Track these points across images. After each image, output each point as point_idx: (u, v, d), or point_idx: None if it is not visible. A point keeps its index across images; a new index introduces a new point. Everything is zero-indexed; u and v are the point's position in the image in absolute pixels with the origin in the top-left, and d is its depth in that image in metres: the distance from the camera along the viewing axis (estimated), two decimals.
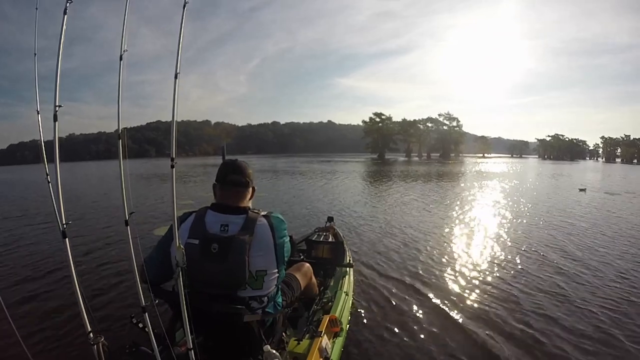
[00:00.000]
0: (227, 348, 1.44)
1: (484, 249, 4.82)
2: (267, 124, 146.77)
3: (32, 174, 23.73)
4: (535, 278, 3.64)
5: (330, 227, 3.62)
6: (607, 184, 15.94)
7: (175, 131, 1.16)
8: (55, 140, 1.16)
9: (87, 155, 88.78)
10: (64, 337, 2.46)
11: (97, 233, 5.84)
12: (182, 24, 1.19)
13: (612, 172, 29.81)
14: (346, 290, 2.56)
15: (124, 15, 1.23)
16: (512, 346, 2.39)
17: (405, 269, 3.96)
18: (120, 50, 1.24)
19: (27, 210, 8.70)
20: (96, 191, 13.31)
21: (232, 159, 1.59)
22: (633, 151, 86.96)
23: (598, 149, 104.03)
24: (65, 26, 1.19)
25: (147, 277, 1.27)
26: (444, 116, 77.74)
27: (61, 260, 4.10)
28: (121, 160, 1.18)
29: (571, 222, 6.64)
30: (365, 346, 2.39)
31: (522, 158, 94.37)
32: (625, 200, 10.09)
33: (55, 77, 1.17)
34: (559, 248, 4.80)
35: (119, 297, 3.15)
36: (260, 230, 1.41)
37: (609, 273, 3.79)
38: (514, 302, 3.08)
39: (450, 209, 8.23)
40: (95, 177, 22.17)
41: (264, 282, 1.43)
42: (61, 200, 1.18)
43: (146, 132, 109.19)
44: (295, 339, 1.72)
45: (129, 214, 1.25)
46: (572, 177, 20.59)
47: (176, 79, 1.18)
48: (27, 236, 5.82)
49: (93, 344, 1.15)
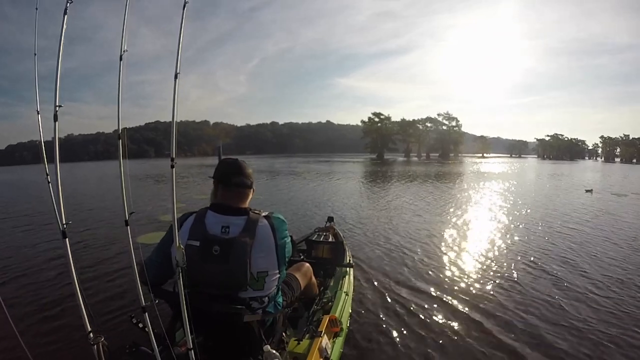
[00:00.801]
0: (227, 348, 1.43)
1: (485, 252, 4.80)
2: (265, 124, 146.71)
3: (31, 175, 23.67)
4: (541, 291, 3.30)
5: (330, 227, 3.62)
6: (611, 185, 15.59)
7: (176, 131, 1.16)
8: (55, 140, 1.16)
9: (85, 156, 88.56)
10: (64, 337, 2.46)
11: (97, 233, 5.84)
12: (182, 24, 1.19)
13: (613, 172, 29.59)
14: (346, 290, 2.56)
15: (124, 16, 1.22)
16: (512, 346, 2.39)
17: (405, 269, 3.97)
18: (121, 50, 1.24)
19: (27, 210, 8.68)
20: (96, 192, 13.31)
21: (232, 159, 1.56)
22: (632, 151, 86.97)
23: (597, 148, 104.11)
24: (65, 26, 1.19)
25: (147, 278, 1.26)
26: (443, 116, 77.84)
27: (61, 260, 4.10)
28: (121, 161, 1.18)
29: (582, 230, 5.94)
30: (365, 346, 2.39)
31: (521, 158, 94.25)
32: (634, 203, 9.63)
33: (56, 77, 1.16)
34: (572, 265, 4.06)
35: (119, 297, 3.16)
36: (261, 231, 1.40)
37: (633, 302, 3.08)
38: (514, 303, 3.08)
39: (451, 211, 8.14)
40: (94, 177, 22.11)
41: (265, 283, 1.42)
42: (61, 200, 1.18)
43: (145, 133, 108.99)
44: (295, 339, 1.72)
45: (129, 214, 1.25)
46: (574, 177, 20.30)
47: (176, 79, 1.18)
48: (27, 236, 5.82)
49: (93, 343, 1.15)
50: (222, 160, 1.57)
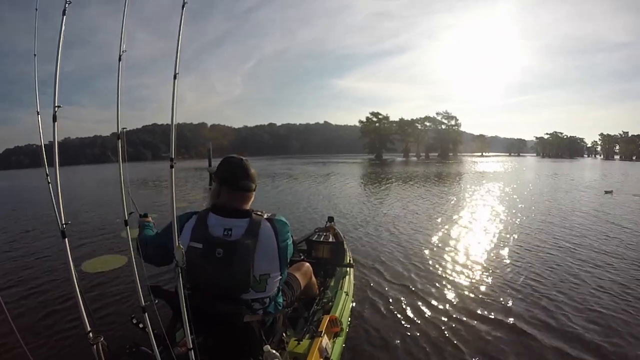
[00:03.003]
0: (227, 348, 1.44)
1: (495, 254, 4.78)
2: (263, 126, 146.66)
3: (30, 181, 23.40)
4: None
5: (331, 227, 3.61)
6: (628, 185, 14.39)
7: (175, 132, 1.17)
8: (54, 140, 1.16)
9: (82, 159, 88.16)
10: (64, 337, 2.45)
11: (97, 233, 5.85)
12: (181, 24, 1.19)
13: (617, 169, 28.77)
14: (346, 290, 2.57)
15: (123, 15, 1.23)
16: (512, 347, 2.40)
17: (405, 269, 3.97)
18: (119, 50, 1.24)
19: (27, 212, 8.67)
20: (94, 193, 13.20)
21: (238, 158, 1.49)
22: (632, 148, 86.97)
23: (596, 146, 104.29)
24: (64, 27, 1.20)
25: (142, 255, 1.28)
26: (443, 115, 77.92)
27: (61, 260, 4.09)
28: (120, 162, 1.18)
29: (621, 245, 4.82)
30: (365, 346, 2.39)
31: (520, 156, 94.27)
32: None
33: (55, 77, 1.17)
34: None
35: (119, 297, 3.15)
36: (264, 234, 1.39)
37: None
38: (514, 305, 3.08)
39: (459, 213, 7.85)
40: (92, 180, 22.02)
41: (267, 285, 1.43)
42: (61, 200, 1.18)
43: (142, 135, 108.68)
44: (295, 339, 1.73)
45: (129, 214, 1.25)
46: (584, 177, 18.99)
47: (175, 79, 1.19)
48: (27, 236, 5.82)
49: (93, 344, 1.15)
50: (226, 159, 1.50)
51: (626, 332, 2.53)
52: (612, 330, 2.57)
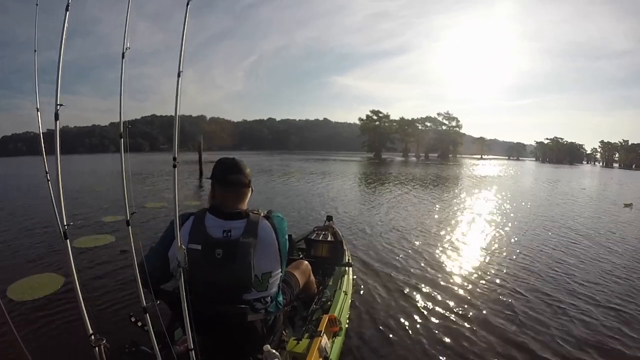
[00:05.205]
0: (227, 348, 1.43)
1: (489, 257, 4.80)
2: (262, 120, 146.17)
3: (29, 169, 23.08)
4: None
5: (330, 226, 3.60)
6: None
7: (178, 132, 1.15)
8: (56, 143, 1.12)
9: (80, 148, 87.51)
10: (65, 339, 2.41)
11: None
12: (186, 23, 1.16)
13: (620, 178, 27.86)
14: (345, 289, 2.57)
15: (127, 13, 1.20)
16: (512, 347, 2.41)
17: (404, 268, 3.98)
18: (123, 47, 1.22)
19: (27, 207, 8.54)
20: (94, 188, 13.05)
21: (230, 158, 1.54)
22: (632, 157, 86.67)
23: (595, 153, 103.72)
24: (67, 23, 1.17)
25: (147, 281, 1.23)
26: (443, 115, 77.62)
27: (61, 260, 4.03)
28: (123, 162, 1.16)
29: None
30: (364, 345, 2.40)
31: (520, 160, 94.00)
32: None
33: (57, 77, 1.13)
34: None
35: (120, 299, 3.09)
36: (263, 232, 1.40)
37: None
38: (515, 305, 3.09)
39: (460, 218, 7.53)
40: (92, 171, 21.79)
41: (269, 284, 1.42)
42: (62, 201, 1.15)
43: (140, 126, 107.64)
44: (294, 339, 1.72)
45: (131, 214, 1.24)
46: (594, 186, 17.64)
47: (179, 77, 1.17)
48: (27, 236, 5.73)
49: (94, 346, 1.14)
50: (219, 160, 1.54)
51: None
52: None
